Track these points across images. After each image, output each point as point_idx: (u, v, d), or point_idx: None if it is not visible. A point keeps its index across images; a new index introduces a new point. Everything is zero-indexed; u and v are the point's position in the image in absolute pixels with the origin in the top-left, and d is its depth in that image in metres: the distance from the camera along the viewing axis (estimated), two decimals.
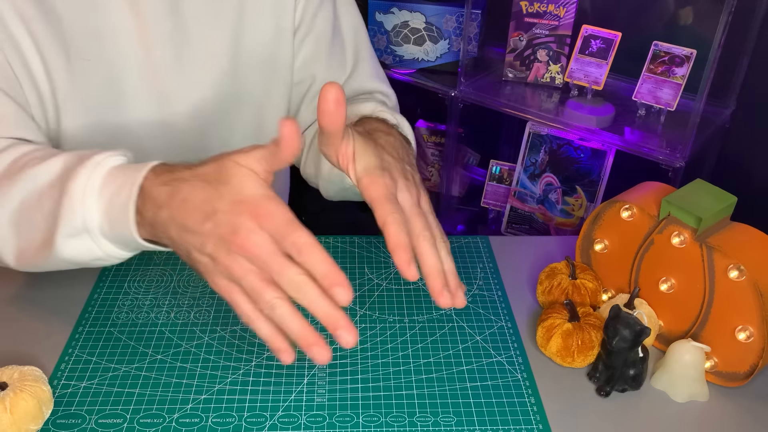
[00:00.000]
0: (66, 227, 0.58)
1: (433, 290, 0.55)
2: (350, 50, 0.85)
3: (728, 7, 1.20)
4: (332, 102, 0.51)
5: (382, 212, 0.55)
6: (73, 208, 0.57)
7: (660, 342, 0.72)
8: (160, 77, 0.74)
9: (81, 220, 0.57)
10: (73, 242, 0.59)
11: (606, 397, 0.66)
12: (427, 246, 0.56)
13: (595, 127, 1.43)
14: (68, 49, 0.69)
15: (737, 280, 0.64)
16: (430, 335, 0.72)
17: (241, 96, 0.80)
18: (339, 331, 0.50)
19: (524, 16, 1.54)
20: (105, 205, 0.57)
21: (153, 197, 0.55)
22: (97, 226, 0.58)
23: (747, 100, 1.45)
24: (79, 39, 0.69)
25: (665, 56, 1.37)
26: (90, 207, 0.57)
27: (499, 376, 0.67)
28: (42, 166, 0.61)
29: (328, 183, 0.79)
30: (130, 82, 0.73)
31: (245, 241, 0.50)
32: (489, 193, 1.75)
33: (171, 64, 0.74)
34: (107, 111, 0.74)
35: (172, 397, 0.64)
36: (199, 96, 0.77)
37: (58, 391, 0.64)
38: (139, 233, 0.57)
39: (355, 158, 0.58)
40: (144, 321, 0.72)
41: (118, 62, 0.72)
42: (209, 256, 0.52)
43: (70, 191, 0.57)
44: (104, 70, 0.72)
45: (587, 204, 1.56)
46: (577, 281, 0.73)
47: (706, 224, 0.66)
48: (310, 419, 0.62)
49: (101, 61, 0.71)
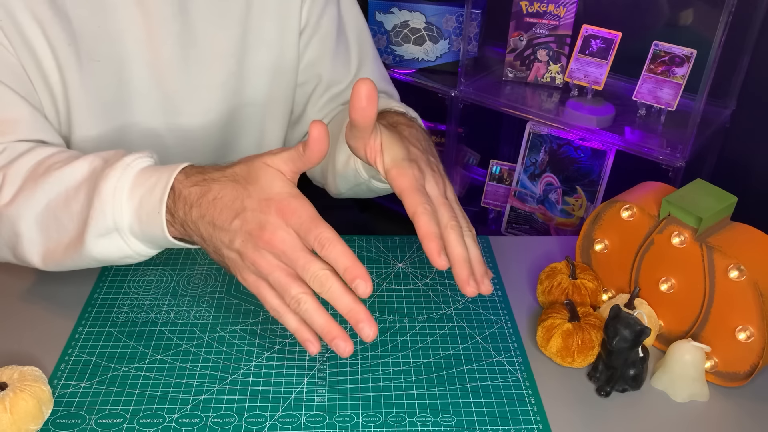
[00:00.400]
0: (96, 227, 0.60)
1: (460, 279, 0.57)
2: (355, 51, 0.86)
3: (728, 7, 1.20)
4: (365, 98, 0.53)
5: (413, 203, 0.57)
6: (104, 209, 0.59)
7: (660, 342, 0.72)
8: (168, 77, 0.74)
9: (111, 220, 0.59)
10: (103, 241, 0.61)
11: (606, 397, 0.66)
12: (454, 235, 0.58)
13: (595, 127, 1.43)
14: (79, 49, 0.69)
15: (737, 280, 0.64)
16: (430, 335, 0.72)
17: (247, 96, 0.80)
18: (360, 324, 0.53)
19: (524, 16, 1.54)
20: (136, 205, 0.59)
21: (184, 197, 0.57)
22: (127, 225, 0.60)
23: (747, 100, 1.45)
24: (89, 40, 0.69)
25: (665, 56, 1.37)
26: (121, 207, 0.59)
27: (499, 376, 0.67)
28: (67, 168, 0.63)
29: (342, 179, 0.79)
30: (139, 83, 0.73)
31: (272, 237, 0.53)
32: (489, 193, 1.75)
33: (179, 64, 0.74)
34: (117, 111, 0.74)
35: (172, 397, 0.64)
36: (207, 96, 0.78)
37: (58, 391, 0.64)
38: (169, 232, 0.59)
39: (383, 151, 0.60)
40: (144, 321, 0.72)
41: (127, 63, 0.72)
42: (237, 251, 0.55)
43: (101, 192, 0.59)
44: (113, 71, 0.72)
45: (587, 204, 1.56)
46: (577, 281, 0.73)
47: (706, 224, 0.66)
48: (310, 419, 0.62)
49: (110, 62, 0.71)
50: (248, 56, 0.78)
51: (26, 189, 0.64)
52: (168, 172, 0.59)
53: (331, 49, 0.83)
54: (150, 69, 0.73)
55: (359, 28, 0.87)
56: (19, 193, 0.64)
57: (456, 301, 0.76)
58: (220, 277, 0.79)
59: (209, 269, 0.80)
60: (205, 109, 0.78)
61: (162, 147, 0.79)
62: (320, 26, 0.81)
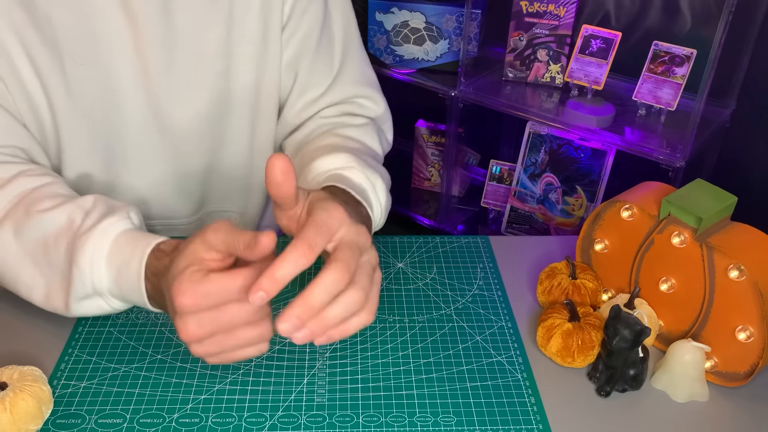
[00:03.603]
0: (77, 293, 0.63)
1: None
2: (338, 51, 0.84)
3: (728, 7, 1.20)
4: (280, 173, 0.52)
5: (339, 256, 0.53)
6: (83, 279, 0.62)
7: (660, 342, 0.72)
8: (154, 79, 0.74)
9: (91, 287, 0.62)
10: (85, 303, 0.64)
11: (606, 397, 0.66)
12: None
13: (595, 127, 1.43)
14: (62, 54, 0.69)
15: (737, 280, 0.64)
16: (430, 335, 0.72)
17: (235, 94, 0.80)
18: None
19: (524, 16, 1.54)
20: (114, 274, 0.61)
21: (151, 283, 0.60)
22: (106, 290, 0.63)
23: (747, 100, 1.45)
24: (74, 43, 0.69)
25: (665, 56, 1.37)
26: (99, 276, 0.62)
27: (499, 376, 0.67)
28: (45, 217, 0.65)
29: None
30: (125, 85, 0.73)
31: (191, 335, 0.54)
32: (489, 193, 1.75)
33: (164, 66, 0.74)
34: (104, 115, 0.74)
35: (172, 397, 0.64)
36: (194, 97, 0.77)
37: (58, 391, 0.64)
38: (151, 305, 0.62)
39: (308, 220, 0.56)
40: (144, 321, 0.72)
41: (113, 66, 0.72)
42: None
43: (78, 262, 0.61)
44: (99, 74, 0.72)
45: (587, 204, 1.56)
46: (577, 281, 0.73)
47: (706, 224, 0.66)
48: (310, 419, 0.62)
49: (96, 65, 0.71)
50: (233, 55, 0.77)
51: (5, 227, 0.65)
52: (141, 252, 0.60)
53: (312, 48, 0.81)
54: (136, 71, 0.73)
55: (346, 28, 0.85)
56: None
57: (456, 301, 0.76)
58: None
59: None
60: (194, 110, 0.78)
61: (153, 147, 0.79)
62: (302, 24, 0.80)
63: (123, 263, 0.61)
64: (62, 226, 0.64)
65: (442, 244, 0.85)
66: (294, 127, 0.86)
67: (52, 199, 0.66)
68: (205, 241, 0.54)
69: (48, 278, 0.64)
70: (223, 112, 0.80)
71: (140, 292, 0.60)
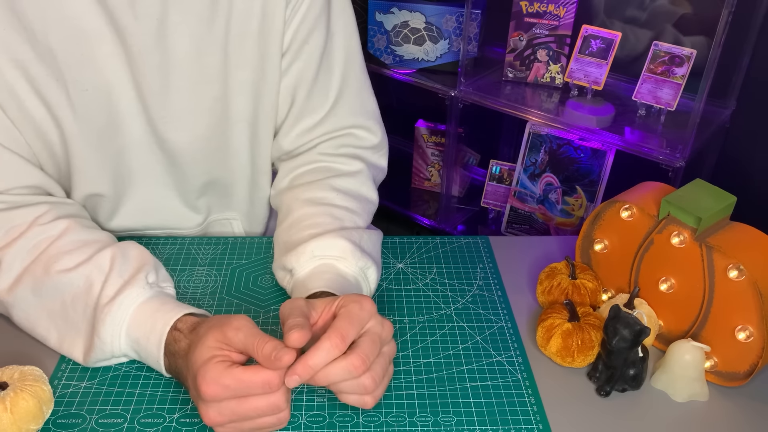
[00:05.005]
0: (96, 357, 0.66)
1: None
2: (336, 81, 0.83)
3: (728, 7, 1.20)
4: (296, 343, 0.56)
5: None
6: (104, 348, 0.65)
7: (660, 342, 0.72)
8: (152, 104, 0.75)
9: (111, 353, 0.65)
10: (103, 361, 0.67)
11: (606, 397, 0.66)
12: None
13: (595, 127, 1.43)
14: (66, 82, 0.70)
15: (737, 280, 0.64)
16: (430, 335, 0.72)
17: (234, 116, 0.80)
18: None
19: (524, 16, 1.54)
20: (134, 344, 0.65)
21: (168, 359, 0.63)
22: (125, 355, 0.67)
23: (747, 100, 1.45)
24: (75, 71, 0.70)
25: (665, 56, 1.37)
26: (120, 346, 0.65)
27: (499, 376, 0.67)
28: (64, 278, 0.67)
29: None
30: (125, 109, 0.74)
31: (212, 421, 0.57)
32: (489, 193, 1.75)
33: (161, 92, 0.75)
34: (110, 136, 0.75)
35: (172, 397, 0.64)
36: (193, 120, 0.78)
37: (59, 390, 0.64)
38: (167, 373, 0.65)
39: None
40: None
41: (113, 89, 0.73)
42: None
43: (100, 334, 0.64)
44: (101, 98, 0.73)
45: (587, 204, 1.56)
46: (577, 281, 0.73)
47: (705, 224, 0.66)
48: (310, 419, 0.62)
49: (97, 90, 0.72)
50: (230, 78, 0.77)
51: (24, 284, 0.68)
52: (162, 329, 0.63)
53: (310, 78, 0.81)
54: (134, 97, 0.74)
55: (347, 55, 0.83)
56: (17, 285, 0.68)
57: (456, 301, 0.76)
58: (220, 278, 0.79)
59: (210, 269, 0.80)
60: (193, 133, 0.79)
61: (157, 166, 0.80)
62: (302, 53, 0.79)
63: (142, 336, 0.64)
64: (81, 289, 0.66)
65: (442, 244, 0.86)
66: (288, 152, 0.86)
67: (69, 256, 0.68)
68: (225, 337, 0.58)
69: (62, 332, 0.67)
70: (221, 134, 0.81)
71: (159, 366, 0.64)
